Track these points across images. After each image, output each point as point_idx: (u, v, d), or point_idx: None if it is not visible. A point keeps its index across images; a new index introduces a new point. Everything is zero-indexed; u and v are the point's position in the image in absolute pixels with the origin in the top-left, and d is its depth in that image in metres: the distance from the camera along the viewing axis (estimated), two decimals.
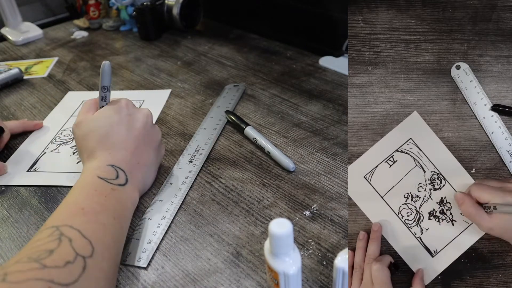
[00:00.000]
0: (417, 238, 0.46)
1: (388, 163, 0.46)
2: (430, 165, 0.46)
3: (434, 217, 0.46)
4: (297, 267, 0.35)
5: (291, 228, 0.34)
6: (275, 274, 0.36)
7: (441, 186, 0.46)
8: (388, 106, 0.46)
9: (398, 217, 0.46)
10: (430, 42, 0.46)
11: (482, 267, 0.46)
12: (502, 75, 0.46)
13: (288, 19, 0.94)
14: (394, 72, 0.46)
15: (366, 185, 0.46)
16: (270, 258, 0.36)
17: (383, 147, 0.46)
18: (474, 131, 0.46)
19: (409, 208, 0.46)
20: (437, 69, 0.46)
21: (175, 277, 0.42)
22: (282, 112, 0.67)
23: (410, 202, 0.46)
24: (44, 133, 0.66)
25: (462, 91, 0.45)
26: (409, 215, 0.46)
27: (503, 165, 0.47)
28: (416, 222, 0.46)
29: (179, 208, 0.50)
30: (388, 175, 0.46)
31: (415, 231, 0.46)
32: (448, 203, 0.46)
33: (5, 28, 1.04)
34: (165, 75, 0.81)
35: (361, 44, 0.46)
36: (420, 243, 0.46)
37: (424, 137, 0.46)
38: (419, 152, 0.46)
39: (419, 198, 0.46)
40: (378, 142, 0.46)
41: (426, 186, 0.46)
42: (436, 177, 0.46)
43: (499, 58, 0.46)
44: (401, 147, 0.46)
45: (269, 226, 0.34)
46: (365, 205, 0.46)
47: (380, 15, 0.45)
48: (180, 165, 0.57)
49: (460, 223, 0.45)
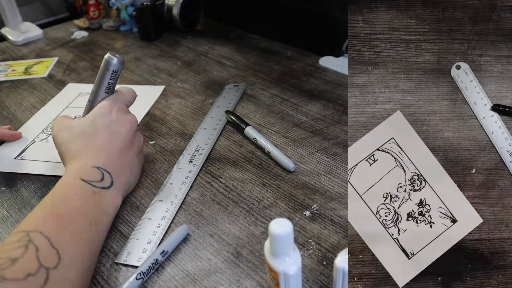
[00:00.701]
0: (394, 239, 0.45)
1: (369, 162, 0.45)
2: (411, 166, 0.46)
3: (412, 218, 0.45)
4: (297, 267, 0.35)
5: (291, 228, 0.34)
6: (275, 274, 0.36)
7: (421, 187, 0.46)
8: (388, 106, 0.46)
9: (375, 217, 0.45)
10: (430, 42, 0.46)
11: (483, 268, 0.45)
12: (502, 75, 0.46)
13: (288, 19, 0.94)
14: (394, 72, 0.46)
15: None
16: (270, 258, 0.36)
17: (364, 145, 0.45)
18: (474, 131, 0.46)
19: (387, 208, 0.45)
20: (437, 69, 0.46)
21: (175, 277, 0.42)
22: (282, 112, 0.67)
23: (388, 202, 0.45)
24: (35, 124, 0.68)
25: (462, 91, 0.45)
26: (387, 215, 0.45)
27: (503, 165, 0.46)
28: (393, 222, 0.45)
29: (179, 208, 0.50)
30: (367, 174, 0.45)
31: (392, 232, 0.45)
32: (427, 204, 0.45)
33: (5, 28, 1.04)
34: (165, 75, 0.81)
35: (361, 44, 0.46)
36: (396, 244, 0.45)
37: (406, 137, 0.46)
38: (400, 152, 0.46)
39: (398, 198, 0.45)
40: (360, 140, 0.45)
41: (405, 186, 0.46)
42: (417, 178, 0.46)
43: (499, 58, 0.46)
44: (382, 146, 0.45)
45: (269, 226, 0.34)
46: (349, 206, 0.46)
47: (380, 15, 0.45)
48: (180, 165, 0.57)
49: (438, 225, 0.45)
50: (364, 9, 0.45)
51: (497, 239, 0.44)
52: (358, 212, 0.45)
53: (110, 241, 0.47)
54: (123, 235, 0.47)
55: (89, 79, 0.82)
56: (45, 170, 0.57)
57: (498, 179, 0.47)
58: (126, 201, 0.52)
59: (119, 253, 0.45)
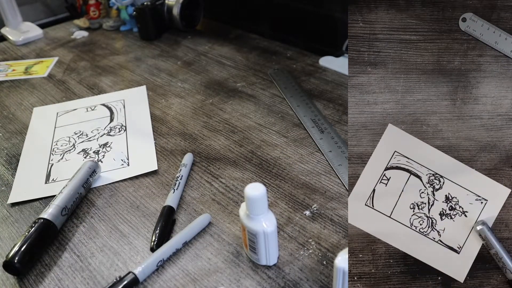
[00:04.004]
0: (437, 241, 0.46)
1: (383, 183, 0.46)
2: (423, 169, 0.46)
3: (446, 216, 0.46)
4: (273, 226, 0.40)
5: (265, 190, 0.38)
6: (251, 235, 0.40)
7: (441, 185, 0.46)
8: (388, 106, 0.46)
9: (412, 230, 0.46)
10: (430, 42, 0.46)
11: (483, 268, 0.46)
12: (502, 75, 0.46)
13: (288, 19, 0.94)
14: (393, 72, 0.46)
15: (370, 211, 0.46)
16: (247, 221, 0.40)
17: (373, 169, 0.46)
18: (474, 131, 0.46)
19: (419, 217, 0.46)
20: (437, 69, 0.46)
21: (175, 277, 0.42)
22: (282, 112, 0.67)
23: (418, 211, 0.46)
24: (36, 152, 0.63)
25: (480, 38, 0.45)
26: (421, 224, 0.46)
27: (503, 165, 0.47)
28: (431, 227, 0.46)
29: (178, 208, 0.50)
30: (387, 194, 0.46)
31: (433, 236, 0.46)
32: (454, 197, 0.46)
33: (5, 28, 1.04)
34: (165, 75, 0.81)
35: (361, 44, 0.46)
36: (442, 245, 0.46)
37: (407, 145, 0.46)
38: (408, 161, 0.46)
39: (424, 204, 0.46)
40: (367, 165, 0.46)
41: (427, 190, 0.46)
42: (434, 177, 0.46)
43: (499, 58, 0.46)
44: (389, 163, 0.46)
45: (245, 190, 0.38)
46: (376, 229, 0.46)
47: (380, 15, 0.45)
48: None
49: (472, 211, 0.45)
50: (364, 9, 0.45)
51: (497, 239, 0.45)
52: (393, 231, 0.46)
53: (110, 241, 0.47)
54: (123, 234, 0.47)
55: (89, 79, 0.82)
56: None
57: (498, 179, 0.47)
58: (126, 201, 0.52)
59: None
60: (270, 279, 0.41)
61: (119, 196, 0.53)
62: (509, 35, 0.44)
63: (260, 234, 0.39)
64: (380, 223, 0.46)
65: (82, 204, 0.52)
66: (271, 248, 0.41)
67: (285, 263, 0.43)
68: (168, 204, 0.49)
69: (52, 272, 0.44)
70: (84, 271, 0.44)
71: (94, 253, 0.46)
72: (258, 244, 0.40)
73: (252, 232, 0.39)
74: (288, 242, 0.45)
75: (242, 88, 0.75)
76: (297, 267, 0.43)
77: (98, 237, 0.47)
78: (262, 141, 0.61)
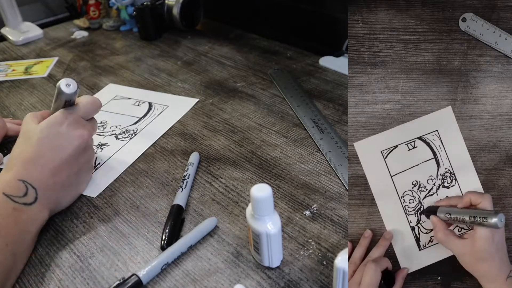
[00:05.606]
0: (411, 226, 0.46)
1: (408, 147, 0.46)
2: (446, 162, 0.46)
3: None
4: (277, 227, 0.39)
5: (271, 191, 0.38)
6: (256, 236, 0.39)
7: (450, 186, 0.46)
8: (388, 106, 0.46)
9: (400, 201, 0.46)
10: (429, 42, 0.46)
11: None
12: (502, 75, 0.46)
13: (288, 19, 0.94)
14: (393, 72, 0.46)
15: (379, 159, 0.46)
16: (252, 222, 0.39)
17: (408, 130, 0.46)
18: (474, 131, 0.46)
19: (413, 196, 0.46)
20: (437, 69, 0.46)
21: (175, 277, 0.42)
22: (282, 112, 0.67)
23: (416, 190, 0.46)
24: None
25: (480, 39, 0.45)
26: (411, 202, 0.46)
27: (503, 165, 0.47)
28: (415, 211, 0.46)
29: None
30: (403, 157, 0.46)
31: (411, 220, 0.46)
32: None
33: (5, 28, 1.04)
34: (165, 75, 0.81)
35: (361, 44, 0.46)
36: (412, 232, 0.46)
37: (450, 134, 0.46)
38: (440, 146, 0.46)
39: (425, 189, 0.46)
40: (405, 124, 0.46)
41: (436, 180, 0.46)
42: (449, 175, 0.46)
43: (499, 58, 0.46)
44: (425, 136, 0.46)
45: (251, 191, 0.38)
46: (372, 177, 0.46)
47: (380, 15, 0.45)
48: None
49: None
50: (364, 9, 0.45)
51: (498, 239, 0.44)
52: (384, 190, 0.46)
53: (110, 241, 0.47)
54: (123, 234, 0.47)
55: (89, 79, 0.82)
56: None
57: (497, 179, 0.47)
58: (126, 201, 0.52)
59: None
60: (270, 279, 0.41)
61: (119, 196, 0.53)
62: (509, 35, 0.44)
63: (263, 235, 0.39)
64: (379, 174, 0.46)
65: (82, 204, 0.52)
66: (274, 249, 0.40)
67: (285, 263, 0.43)
68: (177, 203, 0.49)
69: (52, 272, 0.44)
70: (84, 271, 0.44)
71: (94, 254, 0.46)
72: (261, 244, 0.40)
73: (256, 233, 0.39)
74: (288, 242, 0.45)
75: (242, 88, 0.75)
76: (297, 267, 0.43)
77: (98, 237, 0.47)
78: (262, 141, 0.61)
